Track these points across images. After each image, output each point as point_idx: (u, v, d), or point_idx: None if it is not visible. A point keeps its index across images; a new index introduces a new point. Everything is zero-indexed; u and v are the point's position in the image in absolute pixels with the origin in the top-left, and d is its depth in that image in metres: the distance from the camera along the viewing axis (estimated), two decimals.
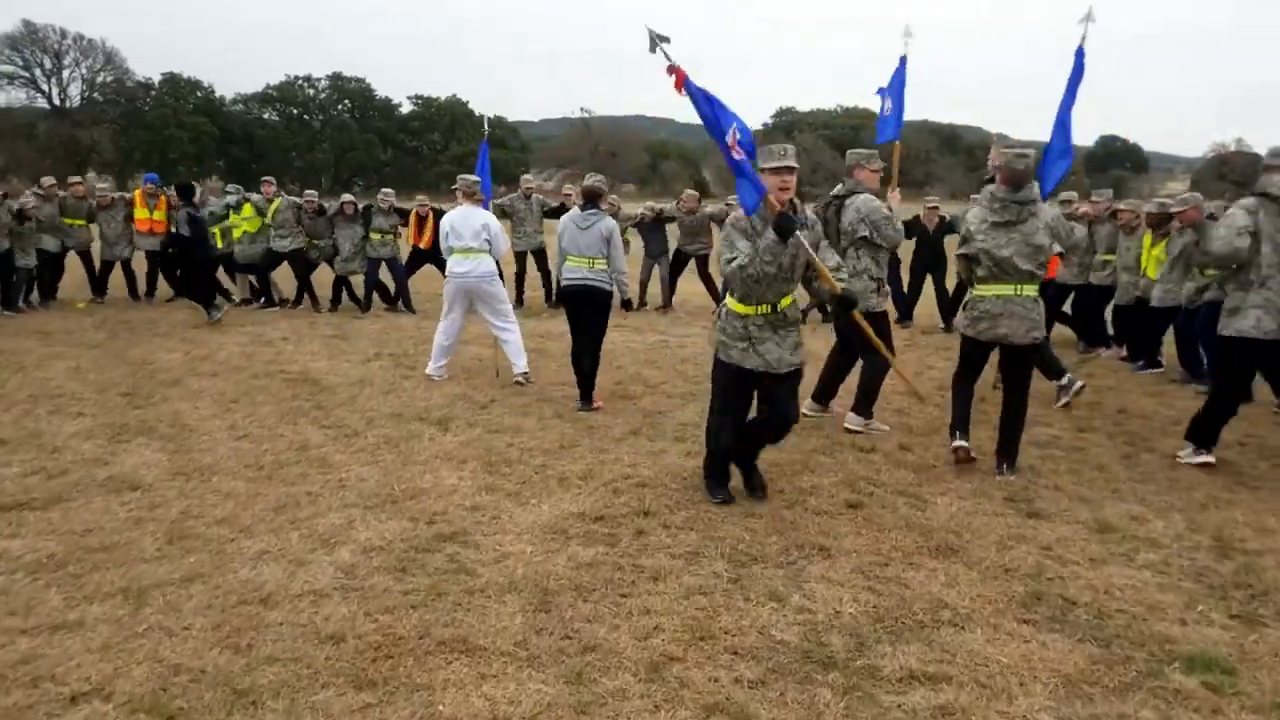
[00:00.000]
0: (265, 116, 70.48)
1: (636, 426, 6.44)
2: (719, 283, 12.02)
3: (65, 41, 61.01)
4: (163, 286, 12.90)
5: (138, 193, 12.44)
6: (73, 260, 12.55)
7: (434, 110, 71.93)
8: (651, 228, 12.72)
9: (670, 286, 12.89)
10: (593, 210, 6.83)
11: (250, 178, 40.80)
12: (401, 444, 5.97)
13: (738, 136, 4.52)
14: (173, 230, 11.76)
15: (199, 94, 66.47)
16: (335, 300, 12.29)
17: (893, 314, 9.38)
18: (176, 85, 65.97)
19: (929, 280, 11.50)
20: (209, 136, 64.15)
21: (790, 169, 4.49)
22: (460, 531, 4.47)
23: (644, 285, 12.81)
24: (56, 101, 62.33)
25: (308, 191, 12.81)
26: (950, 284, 11.26)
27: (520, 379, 7.76)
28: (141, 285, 12.87)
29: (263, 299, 12.47)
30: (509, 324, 7.85)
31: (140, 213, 12.33)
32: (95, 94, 64.07)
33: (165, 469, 5.42)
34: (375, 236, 12.09)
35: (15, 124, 59.10)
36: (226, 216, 12.22)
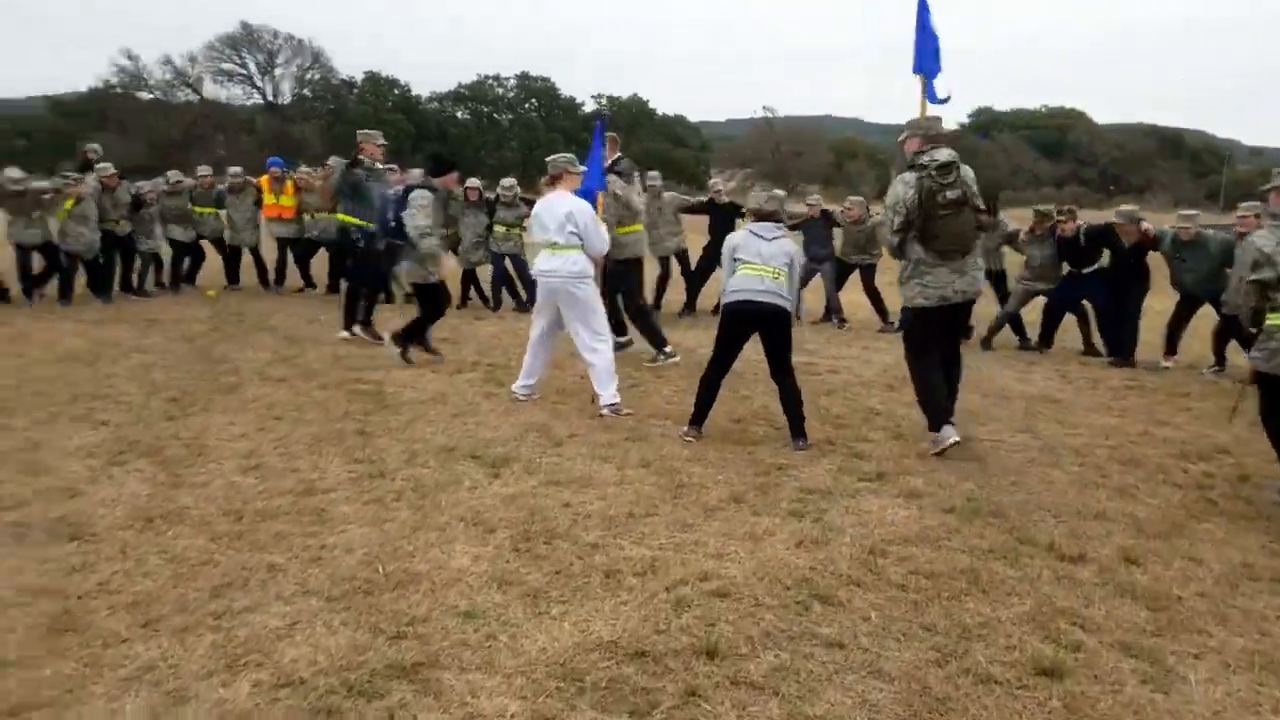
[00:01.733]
0: (458, 115, 72.73)
1: (741, 489, 4.80)
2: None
3: (277, 41, 65.03)
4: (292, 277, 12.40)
5: (264, 178, 11.90)
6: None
7: (614, 109, 71.98)
8: (817, 227, 10.97)
9: (834, 297, 11.11)
10: (774, 224, 5.82)
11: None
12: (431, 494, 4.61)
13: None
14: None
15: (396, 92, 69.33)
16: (463, 297, 11.29)
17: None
18: (377, 83, 69.08)
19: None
20: (405, 134, 66.76)
21: None
22: (429, 660, 3.02)
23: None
24: (270, 98, 66.60)
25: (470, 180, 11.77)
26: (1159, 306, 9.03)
27: (608, 411, 6.28)
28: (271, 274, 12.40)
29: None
30: (599, 340, 6.38)
31: (268, 198, 11.78)
32: (305, 91, 68.04)
33: (130, 511, 4.28)
34: (499, 230, 10.99)
35: (237, 119, 63.70)
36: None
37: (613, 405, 6.30)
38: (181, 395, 6.51)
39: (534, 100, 73.31)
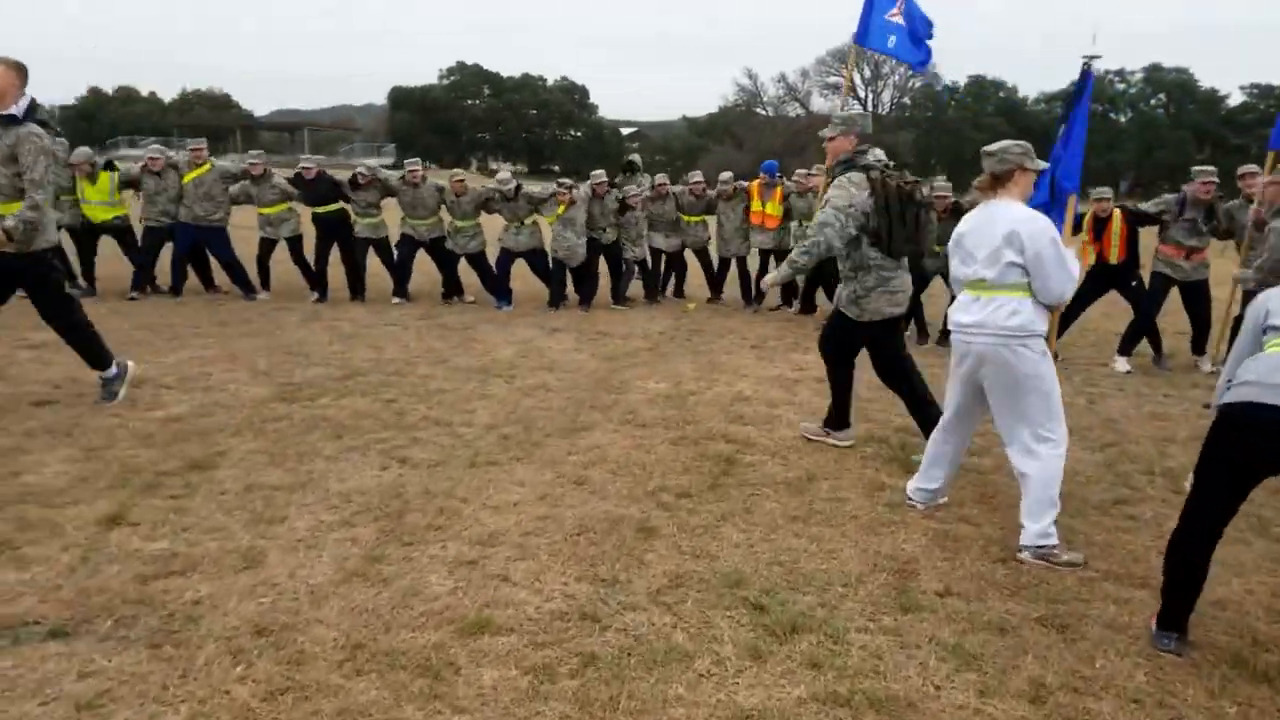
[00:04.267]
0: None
1: None
2: None
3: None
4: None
5: (754, 184, 10.88)
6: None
7: (1271, 101, 58.49)
8: None
9: None
10: None
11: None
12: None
13: None
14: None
15: (1000, 94, 65.33)
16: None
17: None
18: (980, 87, 65.89)
19: None
20: (1003, 136, 62.67)
21: None
22: None
23: None
24: (870, 108, 67.55)
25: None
26: None
27: (1029, 556, 3.80)
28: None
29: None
30: (1043, 439, 3.89)
31: (755, 205, 10.76)
32: (904, 99, 67.76)
33: None
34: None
35: None
36: None
37: (1043, 549, 3.81)
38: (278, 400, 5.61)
39: (1161, 95, 63.23)
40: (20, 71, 5.09)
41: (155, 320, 8.53)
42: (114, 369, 5.73)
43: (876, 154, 4.95)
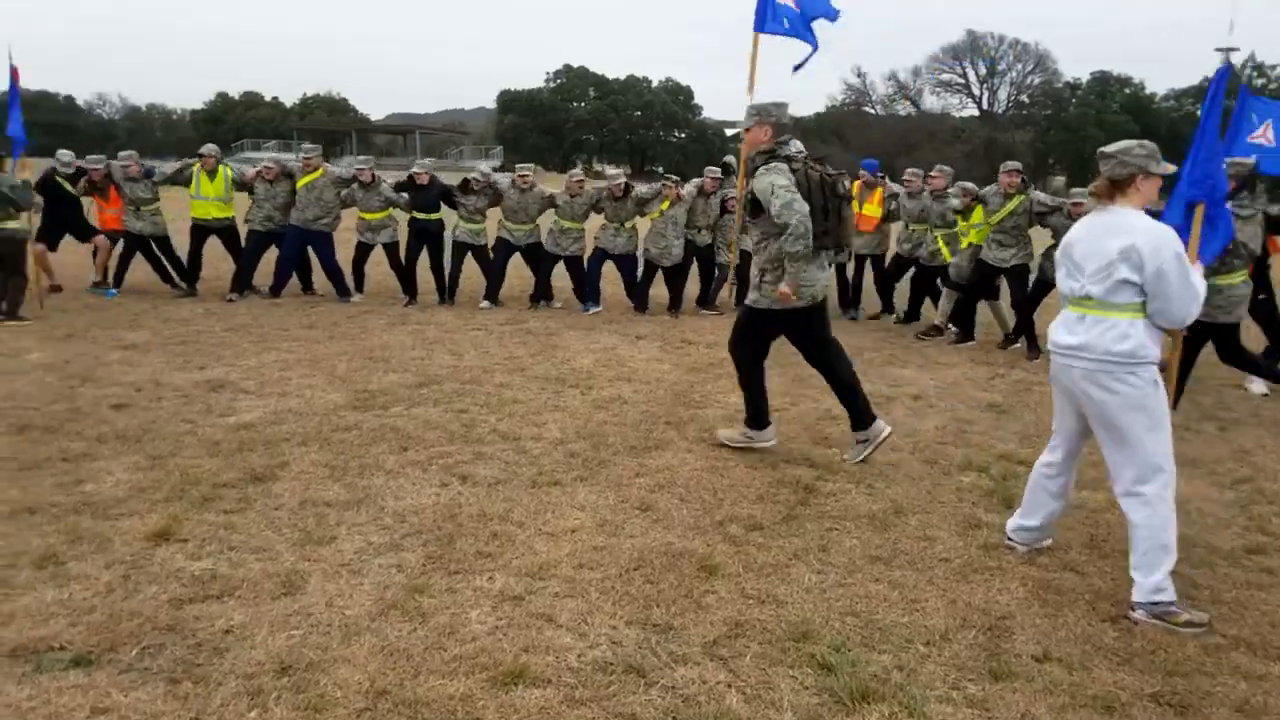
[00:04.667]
0: (1199, 112, 62.26)
1: None
2: None
3: (1001, 47, 63.07)
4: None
5: (854, 184, 10.38)
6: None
7: None
8: None
9: None
10: None
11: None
12: None
13: None
14: None
15: (1127, 91, 62.06)
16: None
17: None
18: (1105, 84, 62.73)
19: None
20: (1128, 135, 59.54)
21: None
22: None
23: None
24: (985, 105, 65.19)
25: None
26: None
27: (1143, 614, 3.33)
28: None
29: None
30: (1150, 480, 3.41)
31: (853, 205, 10.26)
32: (1021, 97, 65.08)
33: None
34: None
35: (947, 126, 63.90)
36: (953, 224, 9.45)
37: (1159, 606, 3.34)
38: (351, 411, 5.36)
39: None
40: None
41: (247, 322, 8.64)
42: None
43: (796, 145, 4.83)
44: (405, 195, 9.91)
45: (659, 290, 10.32)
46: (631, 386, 6.71)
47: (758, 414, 5.20)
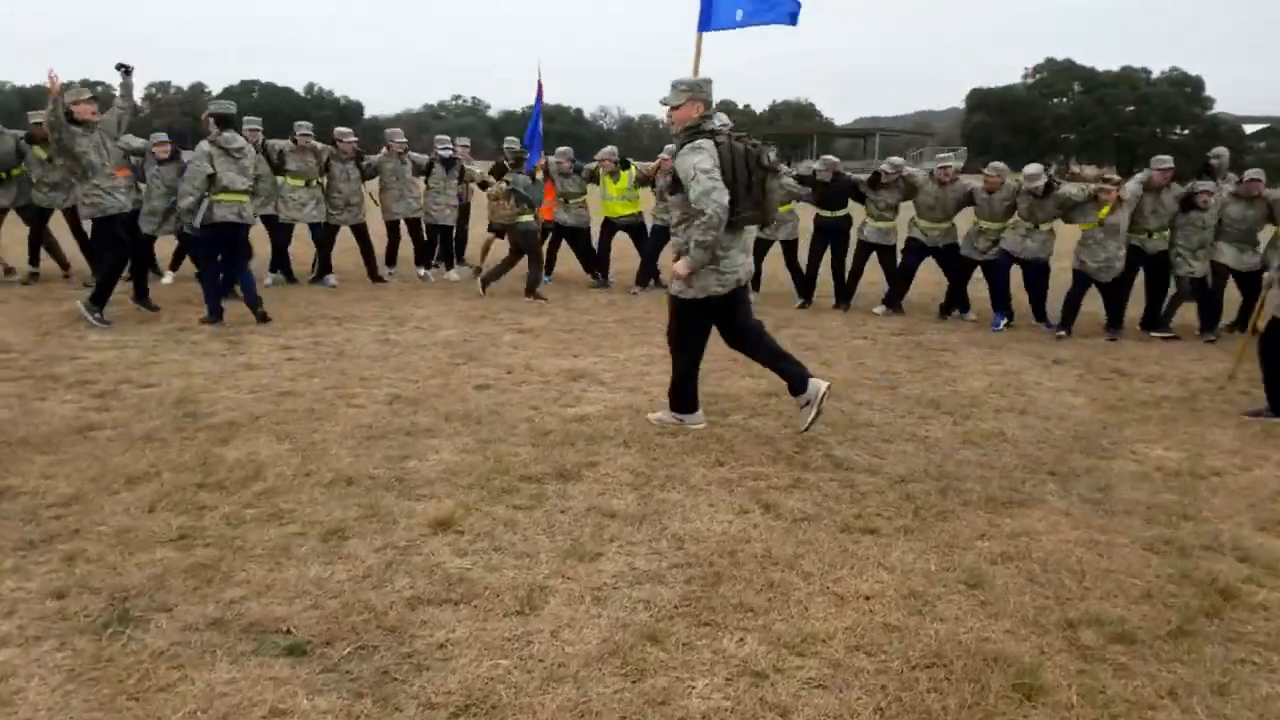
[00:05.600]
0: None
1: None
2: None
3: None
4: None
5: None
6: None
7: None
8: None
9: None
10: None
11: None
12: None
13: None
14: None
15: None
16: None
17: None
18: None
19: None
20: None
21: None
22: None
23: None
24: None
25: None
26: None
27: None
28: None
29: None
30: None
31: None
32: None
33: None
34: None
35: None
36: None
37: None
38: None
39: None
40: None
41: (639, 315, 8.78)
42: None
43: (722, 119, 4.76)
44: (808, 189, 9.42)
45: (1090, 306, 8.63)
46: (1021, 421, 5.53)
47: (688, 397, 5.14)
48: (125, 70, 7.46)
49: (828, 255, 9.56)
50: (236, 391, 5.58)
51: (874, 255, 9.44)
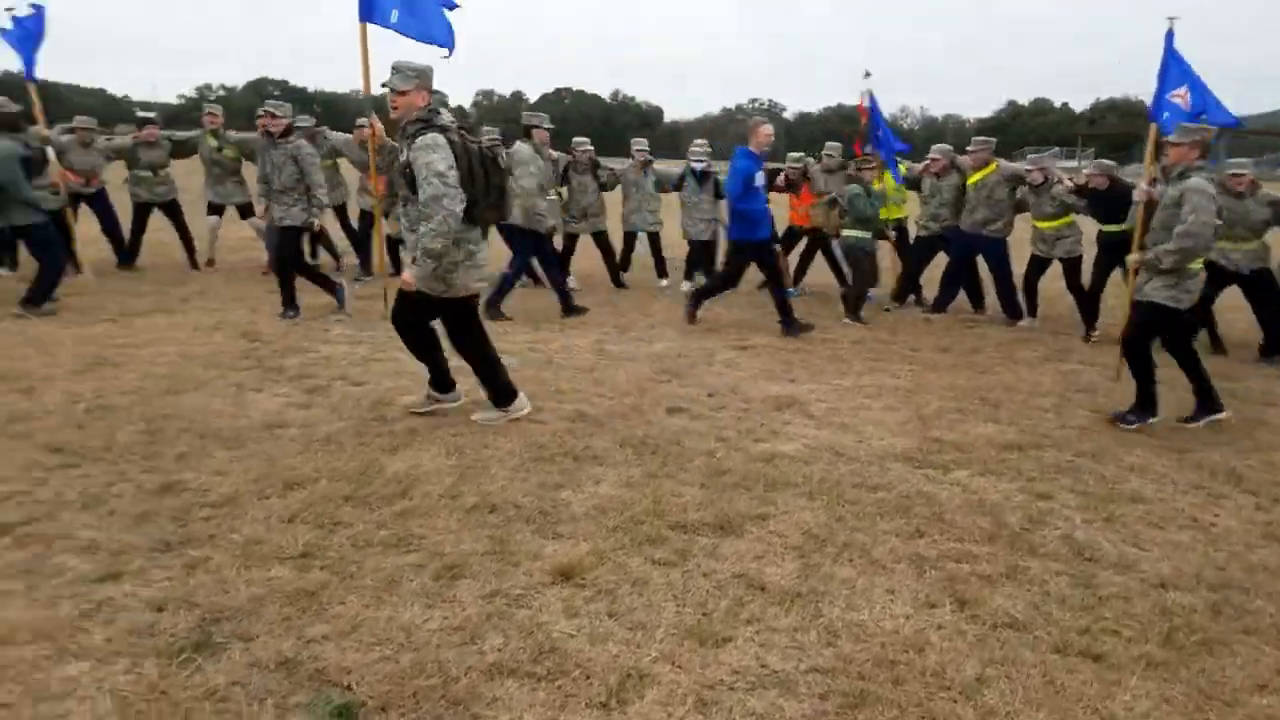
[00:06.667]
0: None
1: None
2: None
3: None
4: None
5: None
6: None
7: None
8: None
9: None
10: None
11: None
12: None
13: None
14: None
15: None
16: None
17: None
18: None
19: None
20: None
21: None
22: None
23: None
24: None
25: None
26: None
27: None
28: None
29: None
30: None
31: None
32: None
33: None
34: None
35: None
36: None
37: None
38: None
39: None
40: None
41: (881, 336, 7.87)
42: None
43: (448, 114, 4.59)
44: (1084, 200, 8.00)
45: None
46: None
47: (441, 377, 5.14)
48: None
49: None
50: None
51: None
